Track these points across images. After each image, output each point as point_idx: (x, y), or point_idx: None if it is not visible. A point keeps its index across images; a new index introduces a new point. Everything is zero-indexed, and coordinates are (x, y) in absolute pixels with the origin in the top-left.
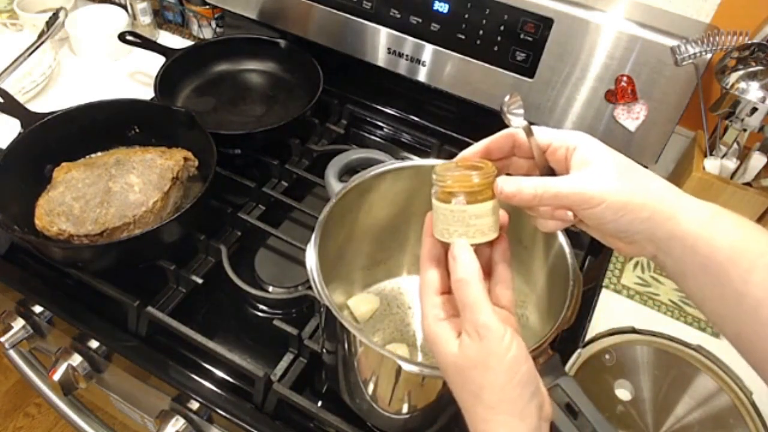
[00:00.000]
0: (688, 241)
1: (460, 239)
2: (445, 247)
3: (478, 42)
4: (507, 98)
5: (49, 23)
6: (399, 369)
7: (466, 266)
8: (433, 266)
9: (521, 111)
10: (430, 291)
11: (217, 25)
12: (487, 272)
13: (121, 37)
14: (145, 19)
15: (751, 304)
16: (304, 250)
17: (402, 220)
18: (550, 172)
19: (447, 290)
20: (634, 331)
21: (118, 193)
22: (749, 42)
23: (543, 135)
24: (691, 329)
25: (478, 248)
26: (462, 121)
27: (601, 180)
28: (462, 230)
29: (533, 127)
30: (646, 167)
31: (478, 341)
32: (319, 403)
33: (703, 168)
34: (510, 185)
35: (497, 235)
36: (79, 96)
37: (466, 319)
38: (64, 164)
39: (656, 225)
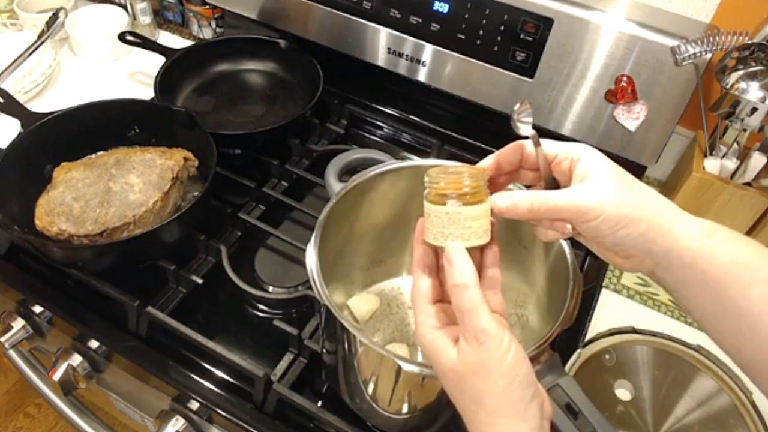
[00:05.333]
0: (686, 257)
1: (454, 242)
2: (437, 254)
3: (478, 42)
4: (517, 106)
5: (49, 23)
6: (399, 369)
7: (462, 270)
8: (425, 274)
9: (530, 119)
10: (424, 300)
11: (217, 25)
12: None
13: (121, 37)
14: (145, 19)
15: (750, 319)
16: (304, 250)
17: (402, 220)
18: (554, 182)
19: (440, 298)
20: (634, 331)
21: (118, 193)
22: (749, 42)
23: (550, 146)
24: (691, 329)
25: (469, 252)
26: (462, 121)
27: (599, 193)
28: (455, 233)
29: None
30: (645, 167)
31: (477, 347)
32: (319, 403)
33: (703, 168)
34: (504, 200)
35: (489, 239)
36: (79, 96)
37: (465, 324)
38: (64, 164)
39: (653, 240)
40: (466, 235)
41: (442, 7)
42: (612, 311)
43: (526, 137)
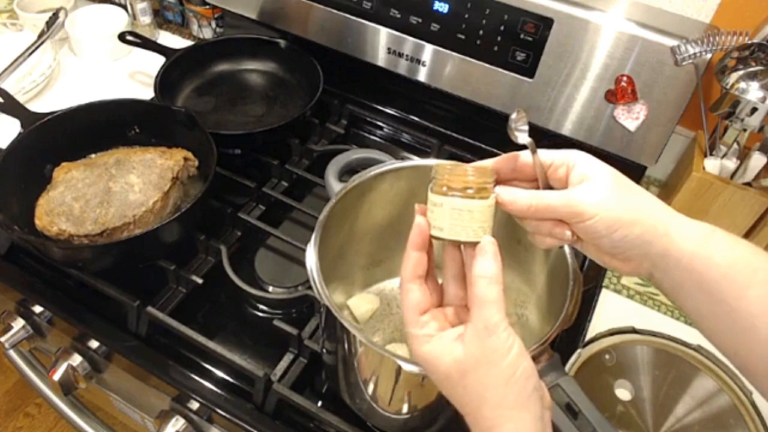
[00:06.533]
0: (683, 259)
1: (488, 237)
2: (430, 259)
3: (478, 42)
4: (514, 115)
5: (49, 23)
6: (399, 369)
7: (493, 265)
8: (416, 285)
9: (526, 128)
10: (416, 312)
11: (217, 25)
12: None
13: (121, 37)
14: (145, 19)
15: (747, 321)
16: (304, 250)
17: (402, 220)
18: (551, 190)
19: (428, 307)
20: (634, 331)
21: (118, 193)
22: (749, 42)
23: (546, 154)
24: (691, 329)
25: (465, 247)
26: (462, 121)
27: (595, 195)
28: (459, 225)
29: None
30: (645, 167)
31: (486, 338)
32: (319, 403)
33: (703, 168)
34: (506, 194)
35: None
36: (79, 96)
37: (482, 314)
38: (64, 164)
39: (649, 242)
40: (474, 227)
41: (442, 7)
42: (612, 311)
43: (524, 145)
